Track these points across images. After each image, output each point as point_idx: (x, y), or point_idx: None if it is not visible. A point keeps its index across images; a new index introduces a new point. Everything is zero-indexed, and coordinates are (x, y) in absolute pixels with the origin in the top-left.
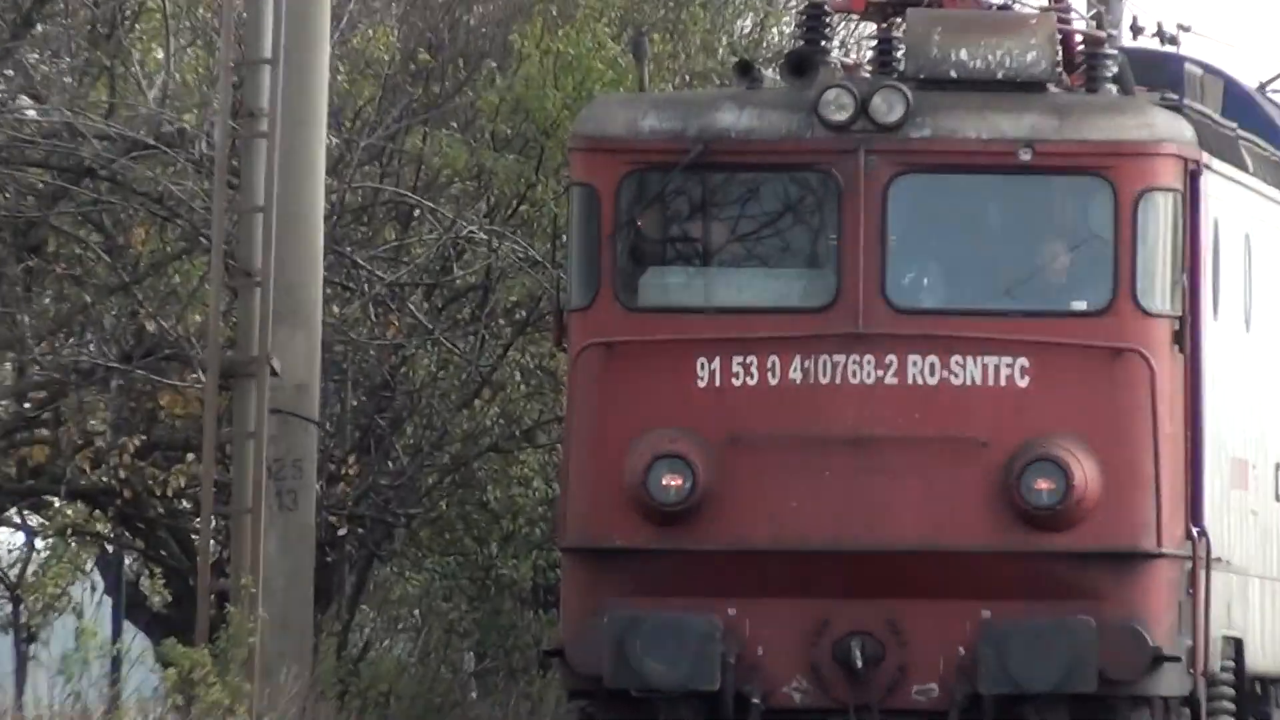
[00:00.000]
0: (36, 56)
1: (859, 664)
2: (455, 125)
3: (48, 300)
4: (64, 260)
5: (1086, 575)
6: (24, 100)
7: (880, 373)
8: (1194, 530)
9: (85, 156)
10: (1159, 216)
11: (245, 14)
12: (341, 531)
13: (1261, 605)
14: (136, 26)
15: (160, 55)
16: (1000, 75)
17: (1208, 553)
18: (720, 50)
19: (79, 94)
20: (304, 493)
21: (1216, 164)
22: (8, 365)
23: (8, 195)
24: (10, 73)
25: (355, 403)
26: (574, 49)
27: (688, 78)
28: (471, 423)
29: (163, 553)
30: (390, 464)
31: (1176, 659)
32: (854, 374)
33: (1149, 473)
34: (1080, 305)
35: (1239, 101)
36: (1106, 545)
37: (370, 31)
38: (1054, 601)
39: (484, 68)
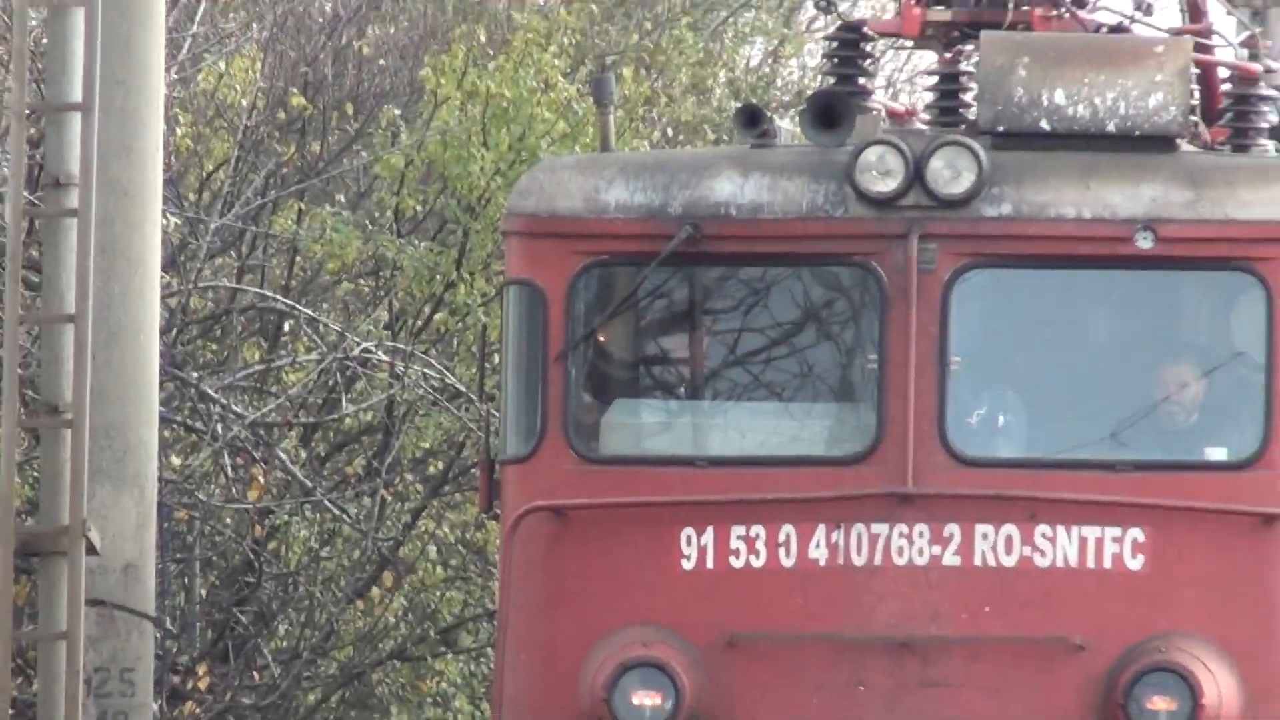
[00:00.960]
0: None
1: None
2: (343, 199)
3: None
4: None
5: None
6: None
7: (938, 549)
8: None
9: None
10: None
11: (46, 40)
12: None
13: None
14: None
15: None
16: (1111, 127)
17: None
18: (717, 91)
19: None
20: (137, 715)
21: None
22: None
23: None
24: None
25: (206, 591)
26: (510, 90)
27: (670, 131)
28: (368, 619)
29: None
30: (256, 675)
31: None
32: (901, 551)
33: None
34: (1219, 454)
35: None
36: None
37: (223, 65)
38: None
39: (383, 117)
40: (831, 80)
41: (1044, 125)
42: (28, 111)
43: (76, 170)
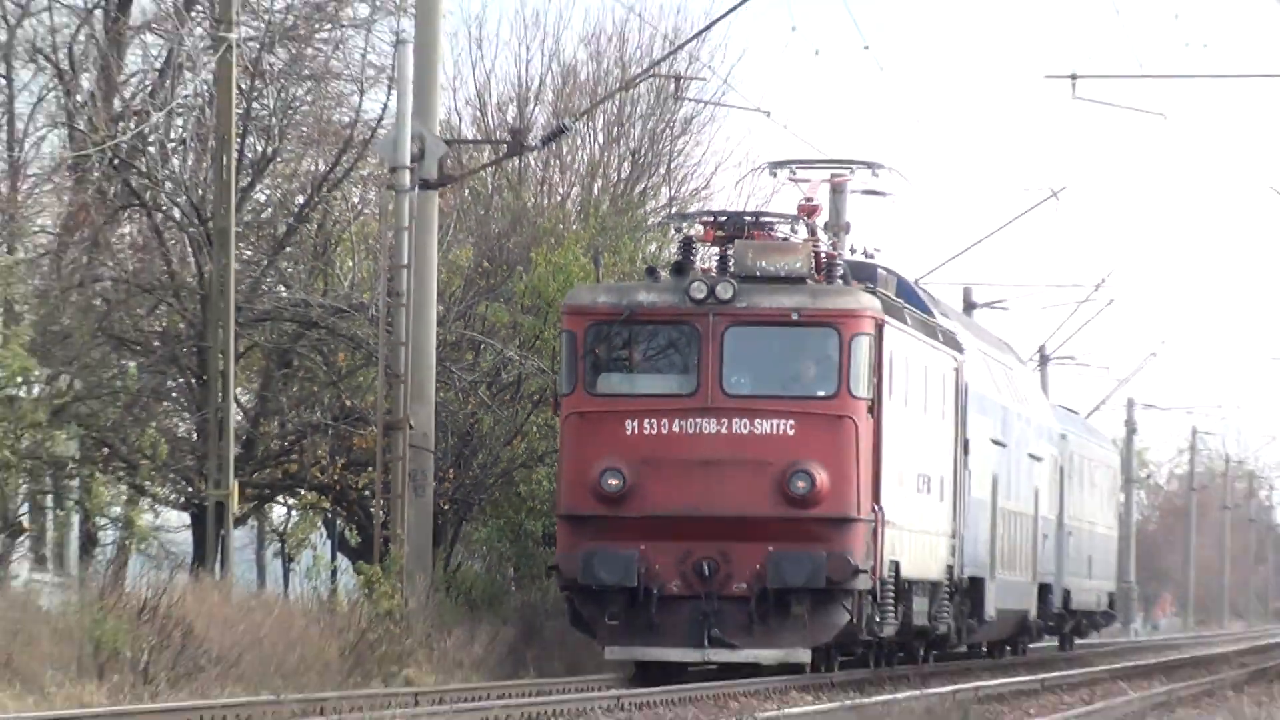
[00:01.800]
0: (286, 264)
1: (706, 573)
2: (502, 300)
3: (295, 389)
4: (302, 369)
5: (823, 530)
6: (280, 288)
7: (720, 428)
8: (876, 507)
9: (313, 316)
10: (863, 348)
11: (393, 242)
12: (446, 507)
13: (911, 544)
14: (338, 247)
15: (351, 262)
16: (783, 274)
17: (883, 518)
18: (639, 261)
19: (309, 283)
20: (427, 488)
21: (892, 321)
22: (275, 423)
23: (272, 337)
24: (273, 273)
25: (451, 442)
26: (563, 260)
27: (622, 275)
28: (511, 453)
29: (357, 518)
30: (470, 474)
31: (866, 571)
32: (707, 429)
33: (854, 478)
34: (822, 393)
35: (905, 288)
36: (833, 514)
37: (457, 250)
38: (806, 543)
39: (517, 271)
40: (679, 257)
41: (758, 274)
42: (387, 267)
43: (405, 290)
